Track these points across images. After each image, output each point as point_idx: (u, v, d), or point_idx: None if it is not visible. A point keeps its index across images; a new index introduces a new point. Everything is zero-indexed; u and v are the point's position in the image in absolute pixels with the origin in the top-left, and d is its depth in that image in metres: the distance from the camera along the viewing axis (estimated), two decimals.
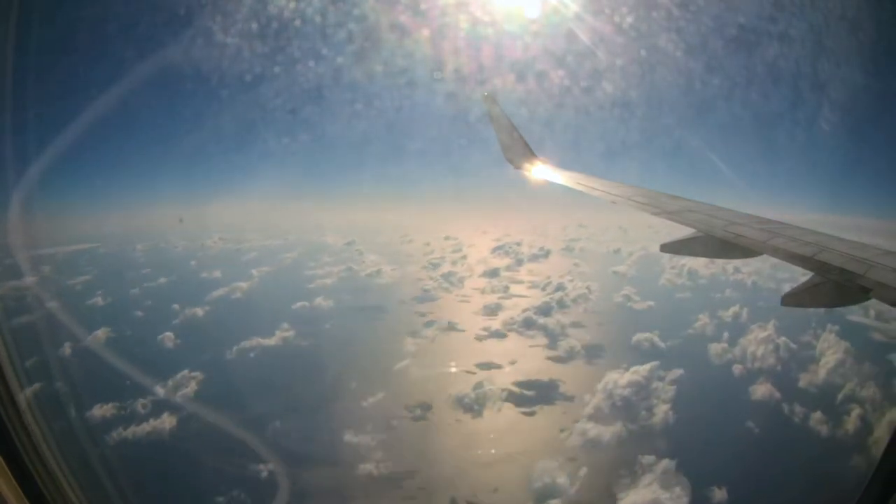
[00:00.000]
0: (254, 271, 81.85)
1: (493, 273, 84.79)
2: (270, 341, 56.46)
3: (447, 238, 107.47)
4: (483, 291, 76.58)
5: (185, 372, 47.40)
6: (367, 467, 37.49)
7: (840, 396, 44.01)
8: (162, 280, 74.65)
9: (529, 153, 10.75)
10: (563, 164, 10.43)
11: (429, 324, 63.95)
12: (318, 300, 69.44)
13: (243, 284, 74.70)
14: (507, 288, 77.77)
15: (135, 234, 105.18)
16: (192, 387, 46.29)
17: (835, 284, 5.46)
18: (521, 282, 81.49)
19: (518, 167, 10.74)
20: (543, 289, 75.87)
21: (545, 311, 66.90)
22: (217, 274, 78.36)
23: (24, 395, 4.02)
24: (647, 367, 48.55)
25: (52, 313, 52.86)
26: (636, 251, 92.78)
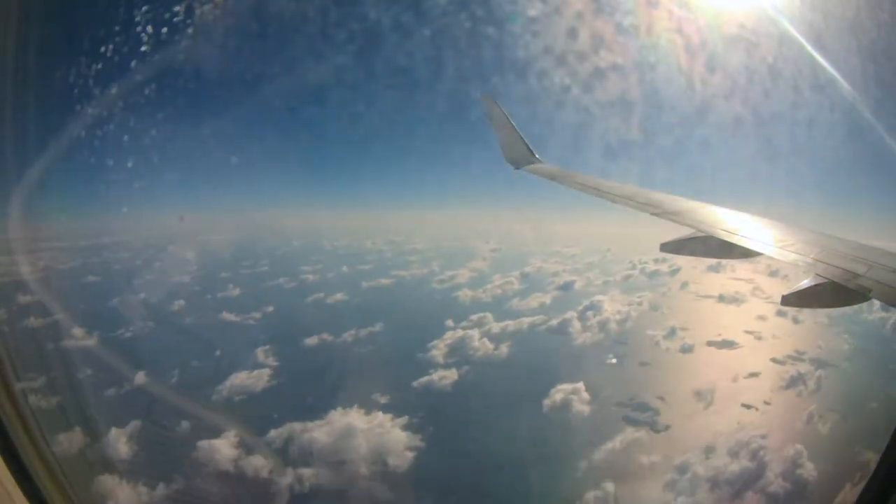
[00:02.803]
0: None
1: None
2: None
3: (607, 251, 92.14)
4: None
5: None
6: None
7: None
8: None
9: (530, 154, 10.72)
10: (564, 165, 10.38)
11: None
12: (338, 295, 68.05)
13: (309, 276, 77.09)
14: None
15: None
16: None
17: (835, 285, 5.46)
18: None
19: (518, 168, 10.72)
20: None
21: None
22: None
23: (24, 395, 4.01)
24: None
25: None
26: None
